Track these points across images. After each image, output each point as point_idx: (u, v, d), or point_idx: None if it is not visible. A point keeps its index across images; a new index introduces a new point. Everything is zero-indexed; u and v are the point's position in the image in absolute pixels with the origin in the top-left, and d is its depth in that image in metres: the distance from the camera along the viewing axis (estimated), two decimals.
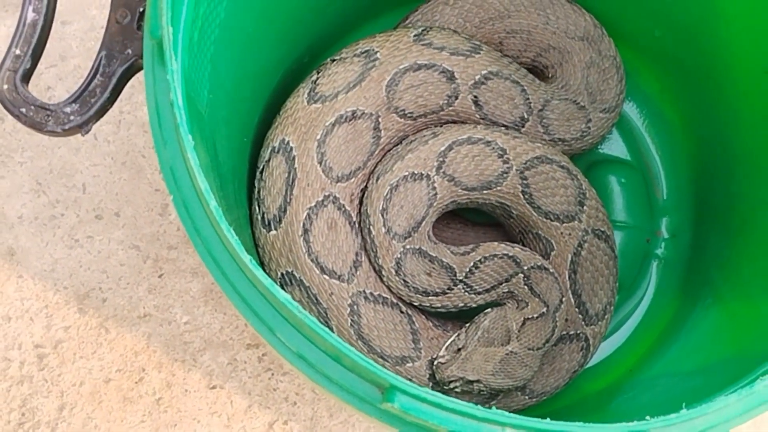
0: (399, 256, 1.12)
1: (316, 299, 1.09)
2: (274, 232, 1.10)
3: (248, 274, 0.78)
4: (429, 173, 1.14)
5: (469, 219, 1.28)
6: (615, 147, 1.35)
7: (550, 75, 1.27)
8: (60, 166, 1.39)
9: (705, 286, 1.25)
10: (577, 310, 1.16)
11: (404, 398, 0.76)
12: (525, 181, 1.16)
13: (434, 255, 1.13)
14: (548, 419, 0.79)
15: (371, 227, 1.12)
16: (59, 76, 1.41)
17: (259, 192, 1.13)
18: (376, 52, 1.15)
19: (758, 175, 1.19)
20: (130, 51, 0.94)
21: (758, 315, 1.11)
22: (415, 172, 1.14)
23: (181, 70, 0.86)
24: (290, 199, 1.09)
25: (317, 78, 1.15)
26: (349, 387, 0.79)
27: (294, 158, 1.10)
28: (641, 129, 1.35)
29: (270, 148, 1.13)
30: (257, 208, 1.12)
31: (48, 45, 1.40)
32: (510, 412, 1.13)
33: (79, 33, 1.43)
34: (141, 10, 0.95)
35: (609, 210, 1.30)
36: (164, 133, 0.84)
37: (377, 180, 1.14)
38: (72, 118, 0.93)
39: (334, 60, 1.16)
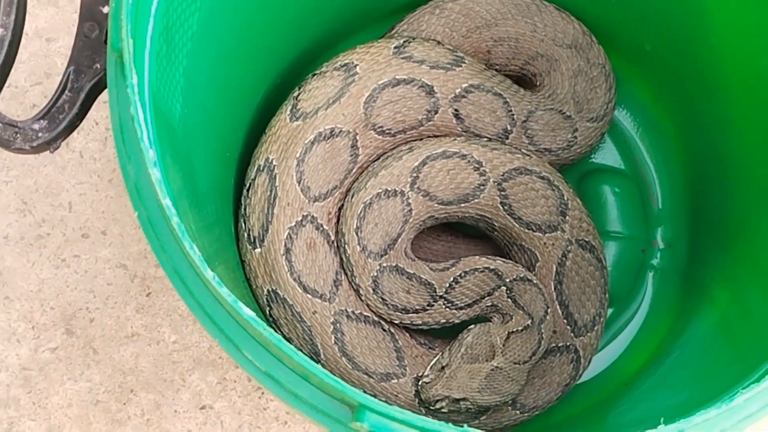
0: (375, 274, 1.10)
1: (300, 317, 1.08)
2: (258, 249, 1.09)
3: (212, 291, 0.76)
4: (403, 189, 1.12)
5: (460, 231, 1.26)
6: (608, 156, 1.33)
7: (538, 83, 1.25)
8: (46, 184, 1.37)
9: (701, 295, 1.23)
10: (565, 321, 1.14)
11: (374, 417, 0.74)
12: (503, 193, 1.14)
13: (412, 272, 1.12)
14: None
15: (346, 246, 1.11)
16: (44, 94, 1.40)
17: (244, 209, 1.12)
18: (355, 66, 1.13)
19: (751, 182, 1.18)
20: (98, 66, 0.92)
21: (753, 323, 1.09)
22: (389, 189, 1.12)
23: (148, 83, 0.84)
24: (272, 218, 1.08)
25: (298, 94, 1.13)
26: (319, 406, 0.77)
27: (275, 177, 1.09)
28: (635, 137, 1.33)
29: (256, 167, 1.12)
30: (243, 224, 1.12)
31: (33, 62, 1.41)
32: (502, 427, 1.13)
33: (63, 50, 1.42)
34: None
35: (603, 220, 1.28)
36: (128, 149, 0.83)
37: (351, 198, 1.12)
38: (40, 135, 0.91)
39: (315, 75, 1.15)
